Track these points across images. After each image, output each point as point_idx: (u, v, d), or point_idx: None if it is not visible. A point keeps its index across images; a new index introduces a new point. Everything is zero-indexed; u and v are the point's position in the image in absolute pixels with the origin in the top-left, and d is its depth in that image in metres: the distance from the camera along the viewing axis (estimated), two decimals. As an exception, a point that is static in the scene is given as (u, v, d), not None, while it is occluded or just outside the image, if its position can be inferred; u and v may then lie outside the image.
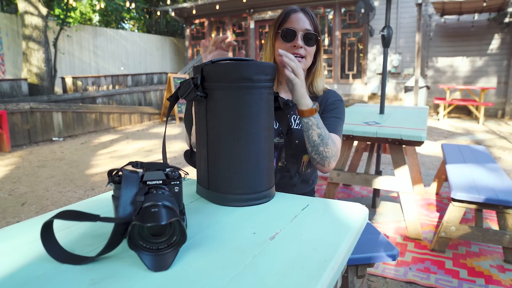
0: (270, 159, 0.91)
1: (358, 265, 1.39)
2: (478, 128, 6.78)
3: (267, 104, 0.89)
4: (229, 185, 0.86)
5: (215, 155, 0.87)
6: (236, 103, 0.84)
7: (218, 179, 0.88)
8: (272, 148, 0.93)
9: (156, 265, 0.58)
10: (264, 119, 0.87)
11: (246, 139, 0.85)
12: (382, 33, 2.64)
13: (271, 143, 0.91)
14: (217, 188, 0.88)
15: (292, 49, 1.20)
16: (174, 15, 11.64)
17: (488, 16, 7.94)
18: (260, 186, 0.88)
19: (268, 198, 0.90)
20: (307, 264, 0.60)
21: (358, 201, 3.09)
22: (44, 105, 6.12)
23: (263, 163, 0.88)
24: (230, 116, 0.85)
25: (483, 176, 2.35)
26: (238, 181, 0.86)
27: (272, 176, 0.93)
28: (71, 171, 4.25)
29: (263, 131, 0.87)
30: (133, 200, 0.62)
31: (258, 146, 0.86)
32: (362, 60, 9.61)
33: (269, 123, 0.89)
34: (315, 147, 1.11)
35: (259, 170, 0.87)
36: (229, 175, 0.86)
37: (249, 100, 0.84)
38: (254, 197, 0.87)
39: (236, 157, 0.85)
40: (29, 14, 7.53)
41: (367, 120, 2.57)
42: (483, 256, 2.17)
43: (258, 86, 0.85)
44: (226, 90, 0.84)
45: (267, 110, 0.88)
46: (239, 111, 0.84)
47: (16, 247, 0.67)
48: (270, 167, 0.91)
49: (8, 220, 2.88)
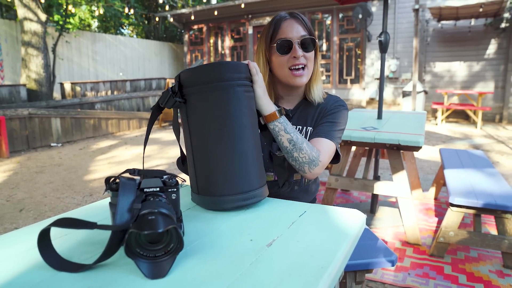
0: (257, 157, 0.89)
1: (357, 271, 1.38)
2: (476, 133, 6.80)
3: (245, 102, 0.87)
4: (216, 188, 0.86)
5: (200, 159, 0.87)
6: (212, 104, 0.84)
7: (206, 183, 0.87)
8: (259, 146, 0.91)
9: (153, 273, 0.58)
10: (243, 117, 0.86)
11: (228, 139, 0.85)
12: (380, 39, 2.65)
13: (255, 141, 0.89)
14: (206, 192, 0.87)
15: (293, 60, 1.14)
16: (172, 20, 11.69)
17: (485, 22, 8.00)
18: (248, 185, 0.86)
19: (259, 197, 0.88)
20: (304, 271, 0.60)
21: (357, 206, 3.09)
22: (43, 110, 6.13)
23: (249, 162, 0.87)
24: (208, 118, 0.85)
25: (481, 181, 2.36)
26: (225, 183, 0.85)
27: (262, 174, 0.91)
28: (69, 177, 4.25)
29: (243, 129, 0.86)
30: (130, 208, 0.62)
31: (240, 144, 0.85)
32: (360, 65, 9.65)
33: (250, 121, 0.88)
34: (288, 153, 1.05)
35: (245, 169, 0.86)
36: (214, 177, 0.86)
37: (224, 100, 0.84)
38: (243, 197, 0.85)
39: (219, 159, 0.85)
40: (28, 20, 7.55)
41: (365, 125, 2.58)
42: (482, 261, 2.17)
43: (232, 85, 0.85)
44: (201, 93, 0.85)
45: (245, 108, 0.87)
46: (215, 112, 0.84)
47: (13, 255, 0.67)
48: (257, 165, 0.89)
49: (5, 227, 2.86)
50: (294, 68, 1.15)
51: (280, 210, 0.88)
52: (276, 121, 1.00)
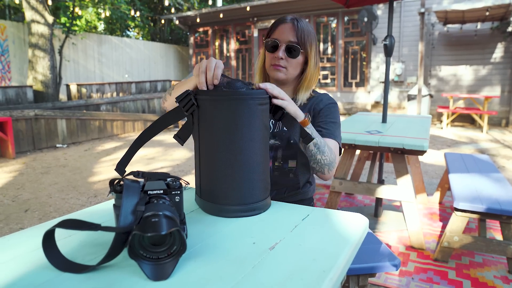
0: (263, 171, 0.90)
1: (360, 275, 1.38)
2: (482, 137, 6.76)
3: (258, 115, 0.87)
4: (220, 196, 0.86)
5: (207, 166, 0.88)
6: (224, 114, 0.84)
7: (210, 189, 0.88)
8: (267, 159, 0.91)
9: (156, 275, 0.59)
10: (254, 129, 0.86)
11: (236, 150, 0.85)
12: (384, 43, 2.65)
13: (264, 154, 0.90)
14: (210, 198, 0.88)
15: (275, 60, 1.24)
16: (178, 23, 11.75)
17: (491, 25, 7.96)
18: (252, 197, 0.87)
19: (261, 210, 0.89)
20: (306, 275, 0.60)
21: (360, 210, 3.08)
22: (49, 112, 6.17)
23: (254, 174, 0.87)
24: (218, 126, 0.85)
25: (486, 186, 2.34)
26: (229, 192, 0.86)
27: (266, 188, 0.91)
28: (74, 178, 4.27)
29: (253, 141, 0.86)
30: (134, 210, 0.63)
31: (248, 156, 0.86)
32: (365, 69, 9.64)
33: (261, 134, 0.88)
34: (312, 156, 1.11)
35: (250, 181, 0.86)
36: (218, 185, 0.86)
37: (237, 111, 0.84)
38: (245, 208, 0.86)
39: (225, 168, 0.85)
40: (36, 22, 7.63)
41: (369, 129, 2.58)
42: (487, 267, 2.15)
43: (247, 98, 0.85)
44: (215, 101, 0.85)
45: (258, 120, 0.87)
46: (227, 121, 0.84)
47: (18, 255, 0.68)
48: (263, 178, 0.89)
49: (11, 227, 2.89)
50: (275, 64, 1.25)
51: (283, 214, 0.88)
52: (306, 127, 1.04)
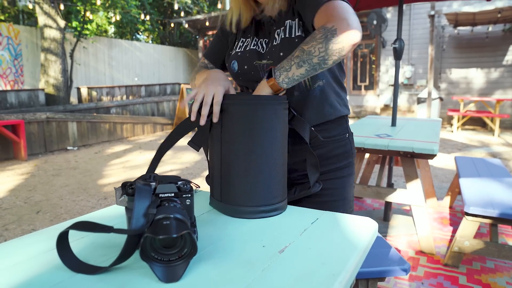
0: (284, 173, 0.92)
1: (369, 279, 1.37)
2: (494, 141, 6.67)
3: (282, 119, 0.90)
4: (241, 198, 0.88)
5: (228, 168, 0.89)
6: (249, 118, 0.86)
7: (231, 191, 0.89)
8: (286, 160, 0.93)
9: (167, 277, 0.59)
10: (278, 133, 0.89)
11: (260, 153, 0.87)
12: (394, 46, 2.64)
13: (284, 155, 0.92)
14: (230, 201, 0.90)
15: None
16: (187, 26, 11.84)
17: (503, 27, 7.87)
18: (272, 199, 0.89)
19: (281, 210, 0.92)
20: (316, 279, 0.60)
21: (370, 214, 3.06)
22: (60, 114, 6.26)
23: (276, 176, 0.90)
24: (242, 130, 0.87)
25: (498, 190, 2.31)
26: (250, 194, 0.88)
27: (284, 189, 0.94)
28: (84, 180, 4.32)
29: (276, 145, 0.89)
30: (146, 213, 0.64)
31: (271, 159, 0.88)
32: (374, 72, 9.59)
33: (282, 137, 0.91)
34: (315, 71, 0.89)
35: (272, 183, 0.89)
36: (241, 188, 0.88)
37: (262, 115, 0.87)
38: (266, 209, 0.88)
39: (249, 170, 0.87)
40: (48, 27, 7.76)
41: (378, 132, 2.56)
42: (499, 273, 2.12)
43: (273, 103, 0.88)
44: (240, 105, 0.87)
45: (281, 124, 0.90)
46: (251, 125, 0.86)
47: (32, 256, 0.69)
48: (283, 180, 0.92)
49: (23, 228, 2.93)
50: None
51: (292, 217, 0.89)
52: (281, 82, 0.90)
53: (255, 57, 1.08)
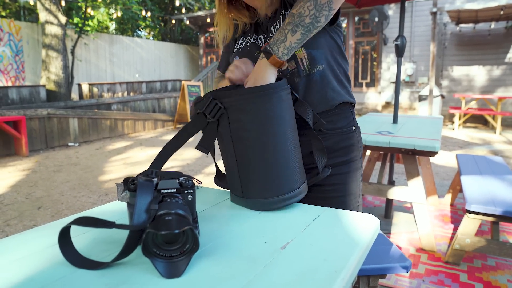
0: (299, 155, 0.93)
1: (370, 276, 1.38)
2: (495, 138, 6.66)
3: (288, 105, 0.90)
4: (263, 191, 0.89)
5: (244, 165, 0.89)
6: (256, 111, 0.86)
7: (252, 187, 0.90)
8: (298, 144, 0.94)
9: (169, 272, 0.59)
10: (287, 120, 0.89)
11: (273, 144, 0.87)
12: (396, 43, 2.63)
13: (296, 141, 0.93)
14: (252, 195, 0.90)
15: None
16: (188, 23, 11.82)
17: (506, 25, 7.84)
18: (293, 185, 0.90)
19: (302, 193, 0.93)
20: (318, 275, 0.60)
21: (371, 211, 3.06)
22: (61, 111, 6.27)
23: (293, 163, 0.90)
24: (252, 124, 0.86)
25: (499, 188, 2.31)
26: (273, 186, 0.88)
27: (302, 172, 0.94)
28: (85, 176, 4.33)
29: (287, 132, 0.89)
30: (148, 208, 0.64)
31: (285, 148, 0.88)
32: (376, 69, 9.57)
33: (292, 123, 0.91)
34: (309, 32, 0.89)
35: (290, 171, 0.89)
36: (262, 181, 0.88)
37: (269, 106, 0.86)
38: (289, 196, 0.89)
39: (266, 164, 0.88)
40: (49, 23, 7.75)
41: (380, 129, 2.56)
42: (500, 270, 2.12)
43: (275, 91, 0.87)
44: (244, 100, 0.86)
45: (288, 110, 0.90)
46: (260, 118, 0.86)
47: (34, 252, 0.69)
48: (299, 165, 0.92)
49: (24, 224, 2.94)
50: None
51: (294, 213, 0.88)
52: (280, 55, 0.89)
53: (255, 50, 1.09)
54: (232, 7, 1.13)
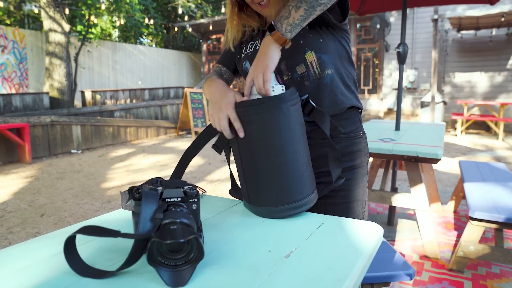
0: (309, 164, 0.92)
1: (374, 284, 1.37)
2: (498, 145, 6.64)
3: (295, 115, 0.88)
4: (271, 200, 0.89)
5: (251, 174, 0.91)
6: (262, 121, 0.86)
7: (259, 195, 0.91)
8: (309, 154, 0.93)
9: (173, 281, 0.60)
10: (294, 131, 0.89)
11: (280, 155, 0.87)
12: (398, 50, 2.64)
13: (306, 150, 0.92)
14: (261, 203, 0.91)
15: None
16: (191, 30, 11.90)
17: (507, 31, 7.86)
18: (301, 194, 0.90)
19: (311, 203, 0.92)
20: (322, 283, 0.60)
21: (374, 218, 3.05)
22: (64, 118, 6.30)
23: (302, 173, 0.90)
24: (259, 134, 0.87)
25: (503, 195, 2.30)
26: (280, 194, 0.88)
27: (312, 181, 0.93)
28: (88, 183, 4.34)
29: (294, 142, 0.88)
30: (153, 217, 0.64)
31: (292, 158, 0.88)
32: (378, 76, 9.59)
33: (300, 133, 0.90)
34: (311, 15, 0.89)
35: (299, 180, 0.89)
36: (267, 190, 0.89)
37: (276, 117, 0.86)
38: (298, 205, 0.89)
39: (272, 173, 0.88)
40: (53, 31, 7.83)
41: (382, 136, 2.56)
42: (504, 278, 2.11)
43: (280, 101, 0.86)
44: (252, 111, 0.87)
45: (296, 121, 0.89)
46: (267, 129, 0.86)
47: (39, 260, 0.70)
48: (308, 175, 0.92)
49: (27, 231, 2.94)
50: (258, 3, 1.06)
51: (298, 222, 0.89)
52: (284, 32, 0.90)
53: None
54: (243, 13, 1.15)
